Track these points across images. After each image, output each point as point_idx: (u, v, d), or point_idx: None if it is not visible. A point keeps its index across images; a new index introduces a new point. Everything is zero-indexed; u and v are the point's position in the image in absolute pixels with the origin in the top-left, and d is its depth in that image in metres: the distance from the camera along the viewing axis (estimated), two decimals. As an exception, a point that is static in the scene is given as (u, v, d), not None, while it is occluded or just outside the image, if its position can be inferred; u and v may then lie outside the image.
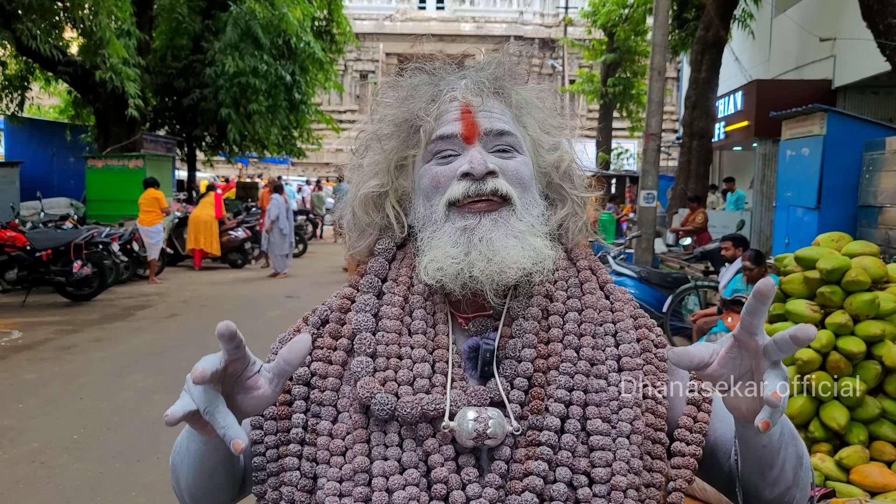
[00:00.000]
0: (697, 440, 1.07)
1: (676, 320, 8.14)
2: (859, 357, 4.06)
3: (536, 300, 1.06)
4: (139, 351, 7.77)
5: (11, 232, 10.67)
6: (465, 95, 1.10)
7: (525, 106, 1.14)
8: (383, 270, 1.12)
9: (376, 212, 1.14)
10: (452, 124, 1.07)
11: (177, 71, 17.58)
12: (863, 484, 3.84)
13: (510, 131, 1.09)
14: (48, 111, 24.84)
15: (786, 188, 9.20)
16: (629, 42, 22.53)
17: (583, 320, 1.06)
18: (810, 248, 4.65)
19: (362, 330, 1.05)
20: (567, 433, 0.98)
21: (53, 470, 4.65)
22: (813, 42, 12.87)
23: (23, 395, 6.14)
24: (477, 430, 0.95)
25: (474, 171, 1.02)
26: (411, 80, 1.15)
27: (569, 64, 35.07)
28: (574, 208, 1.14)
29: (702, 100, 14.28)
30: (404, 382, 1.01)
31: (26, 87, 16.72)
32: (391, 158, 1.13)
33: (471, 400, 0.99)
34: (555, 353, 1.03)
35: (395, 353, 1.03)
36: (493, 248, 1.01)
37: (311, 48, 17.58)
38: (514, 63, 1.17)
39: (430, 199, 1.07)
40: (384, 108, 1.16)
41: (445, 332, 1.06)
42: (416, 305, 1.07)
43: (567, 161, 1.15)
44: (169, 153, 18.41)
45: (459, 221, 1.03)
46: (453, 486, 0.96)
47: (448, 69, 1.16)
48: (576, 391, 1.00)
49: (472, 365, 1.04)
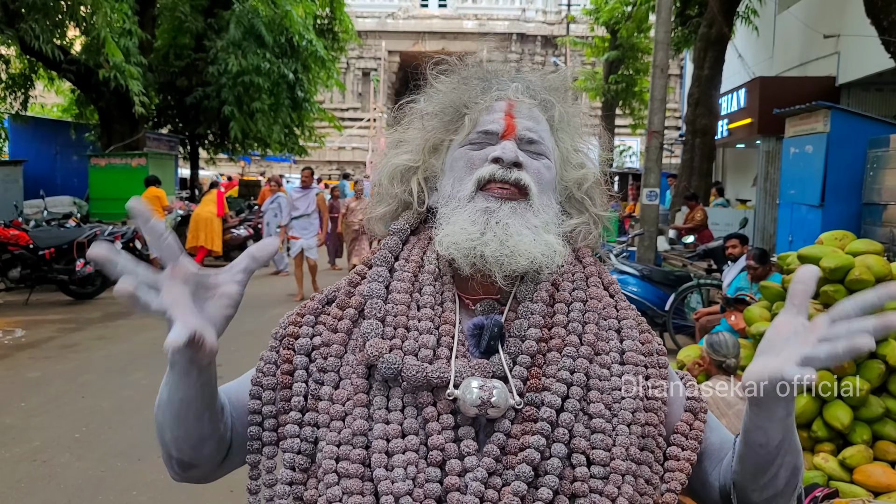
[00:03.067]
0: (692, 446, 1.10)
1: (679, 318, 8.12)
2: (863, 356, 4.06)
3: (544, 286, 1.09)
4: (141, 349, 7.78)
5: (15, 230, 10.67)
6: (515, 96, 1.17)
7: (564, 122, 1.21)
8: (397, 248, 1.16)
9: (401, 184, 1.20)
10: (496, 122, 1.14)
11: (179, 69, 17.58)
12: (866, 484, 3.83)
13: (541, 142, 1.15)
14: (51, 110, 24.87)
15: (789, 186, 9.18)
16: (632, 39, 22.48)
17: (587, 310, 1.09)
18: (814, 246, 4.64)
19: (374, 296, 1.08)
20: (566, 412, 1.00)
21: (55, 468, 4.66)
22: (817, 39, 12.83)
23: (25, 394, 6.14)
24: (481, 397, 0.96)
25: (505, 156, 1.09)
26: (468, 71, 1.22)
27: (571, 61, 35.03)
28: (589, 221, 1.20)
29: (705, 97, 14.25)
30: (410, 352, 1.03)
31: (30, 86, 16.72)
32: (428, 138, 1.19)
33: (475, 371, 1.01)
34: (557, 337, 1.05)
35: (403, 324, 1.06)
36: (508, 232, 1.05)
37: (314, 46, 17.58)
38: (565, 80, 1.24)
39: (462, 179, 1.12)
40: (436, 87, 1.22)
41: (452, 309, 1.09)
42: (425, 283, 1.11)
43: (591, 180, 1.20)
44: (172, 151, 18.41)
45: (482, 202, 1.08)
46: (450, 454, 0.97)
47: (504, 69, 1.23)
48: (577, 373, 1.03)
49: (475, 343, 1.06)
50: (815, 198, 8.22)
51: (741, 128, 14.36)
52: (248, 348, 7.43)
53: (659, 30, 11.60)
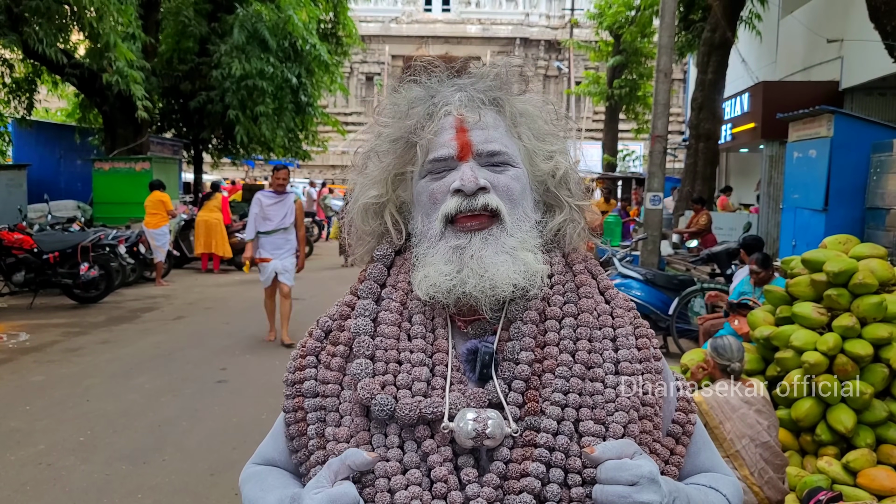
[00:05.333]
0: (672, 472, 1.11)
1: (682, 322, 8.11)
2: (867, 360, 4.05)
3: (534, 304, 1.08)
4: (146, 353, 7.79)
5: (19, 234, 10.70)
6: (460, 111, 1.11)
7: (521, 117, 1.16)
8: (382, 276, 1.14)
9: (375, 220, 1.17)
10: (447, 146, 1.09)
11: (183, 73, 17.62)
12: (870, 487, 3.82)
13: (501, 150, 1.10)
14: (55, 114, 24.94)
15: (793, 190, 9.18)
16: (635, 44, 22.51)
17: (579, 325, 1.07)
18: (817, 250, 4.64)
19: (361, 333, 1.07)
20: (561, 434, 1.00)
21: (60, 472, 4.66)
22: (820, 43, 12.83)
23: (30, 397, 6.15)
24: (476, 429, 0.96)
25: (465, 187, 1.05)
26: (407, 95, 1.17)
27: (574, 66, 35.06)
28: (571, 214, 1.16)
29: (708, 101, 14.27)
30: (403, 386, 1.03)
31: (34, 90, 16.78)
32: (389, 171, 1.16)
33: (469, 402, 1.01)
34: (550, 357, 1.04)
35: (394, 358, 1.05)
36: (484, 264, 1.03)
37: (317, 50, 17.60)
38: (511, 73, 1.18)
39: (429, 215, 1.10)
40: (380, 126, 1.18)
41: (445, 335, 1.08)
42: (414, 311, 1.09)
43: (563, 169, 1.16)
44: (175, 156, 18.47)
45: (453, 240, 1.06)
46: (452, 485, 0.97)
47: (443, 80, 1.17)
48: (571, 394, 1.02)
49: (471, 367, 1.06)
50: (819, 202, 8.22)
51: (745, 132, 14.36)
52: (252, 350, 7.44)
53: (662, 34, 11.62)
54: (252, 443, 5.47)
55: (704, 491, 1.09)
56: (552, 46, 39.15)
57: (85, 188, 16.60)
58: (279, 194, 8.05)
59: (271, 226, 7.96)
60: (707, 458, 1.18)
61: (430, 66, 1.19)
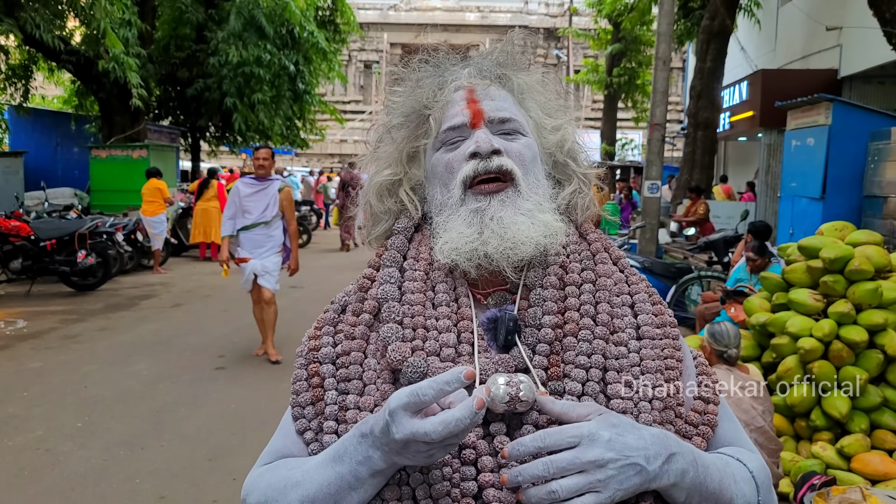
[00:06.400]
0: (704, 433, 1.09)
1: (680, 310, 8.13)
2: (862, 346, 4.07)
3: (553, 269, 1.09)
4: (143, 340, 7.80)
5: (16, 221, 10.68)
6: (470, 81, 1.15)
7: (527, 90, 1.19)
8: (403, 247, 1.15)
9: (390, 198, 1.19)
10: (460, 114, 1.12)
11: (180, 61, 17.54)
12: (863, 472, 3.85)
13: (512, 118, 1.13)
14: (52, 101, 24.84)
15: (790, 178, 9.18)
16: (634, 31, 22.43)
17: (598, 289, 1.09)
18: (814, 237, 4.65)
19: (388, 299, 1.08)
20: (586, 396, 1.00)
21: (58, 457, 4.68)
22: (819, 31, 12.81)
23: (28, 384, 6.16)
24: (509, 393, 0.95)
25: (480, 149, 1.07)
26: (418, 73, 1.21)
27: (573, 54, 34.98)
28: (580, 185, 1.18)
29: (707, 90, 14.24)
30: (431, 353, 1.03)
31: (30, 77, 16.70)
32: (402, 148, 1.18)
33: (498, 367, 1.01)
34: (571, 321, 1.05)
35: (422, 324, 1.06)
36: (504, 225, 1.05)
37: (315, 38, 17.53)
38: (516, 50, 1.21)
39: (448, 185, 1.11)
40: (393, 99, 1.21)
41: (468, 304, 1.09)
42: (437, 280, 1.10)
43: (570, 140, 1.19)
44: (173, 143, 18.40)
45: (473, 203, 1.08)
46: (482, 451, 0.97)
47: (452, 59, 1.21)
48: (595, 356, 1.02)
49: (492, 336, 1.07)
50: (817, 190, 8.22)
51: (743, 120, 14.35)
52: (250, 337, 7.45)
53: (661, 22, 11.59)
54: (250, 429, 5.53)
55: (724, 459, 1.06)
56: (551, 34, 39.03)
57: (82, 176, 16.56)
58: (260, 181, 6.79)
59: (250, 219, 6.74)
60: (729, 430, 1.15)
61: (434, 51, 1.23)
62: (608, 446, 0.88)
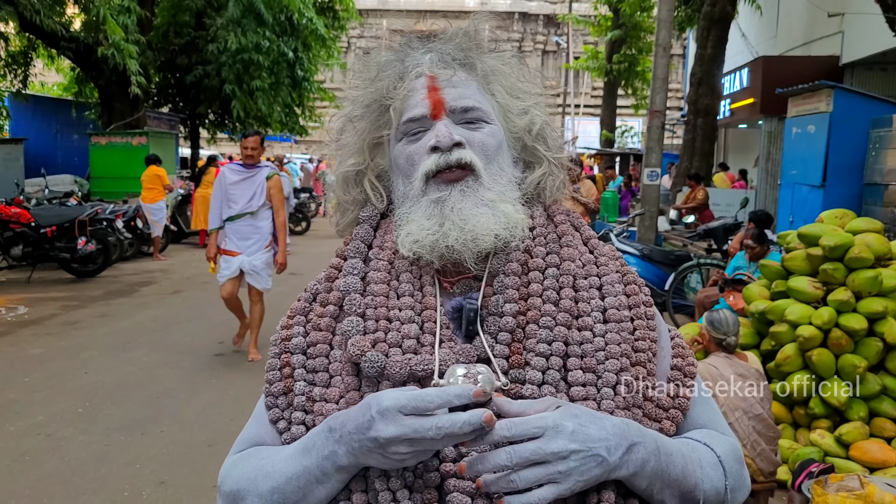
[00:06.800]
0: (674, 416, 1.08)
1: (679, 298, 8.14)
2: (861, 334, 4.07)
3: (515, 255, 1.07)
4: (143, 326, 7.81)
5: (16, 208, 10.68)
6: (431, 69, 1.12)
7: (492, 74, 1.16)
8: (368, 237, 1.14)
9: (355, 188, 1.18)
10: (420, 105, 1.10)
11: (179, 47, 17.44)
12: (862, 460, 3.86)
13: (475, 106, 1.11)
14: (52, 88, 24.76)
15: (791, 166, 9.17)
16: (634, 18, 22.35)
17: (562, 273, 1.07)
18: (814, 224, 4.64)
19: (351, 291, 1.07)
20: (547, 384, 0.99)
21: (59, 442, 4.70)
22: (821, 17, 12.74)
23: (28, 369, 6.18)
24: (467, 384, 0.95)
25: (441, 143, 1.06)
26: (378, 59, 1.18)
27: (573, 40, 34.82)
28: (550, 168, 1.17)
29: (707, 77, 14.19)
30: (394, 344, 1.02)
31: (30, 64, 16.64)
32: (364, 138, 1.16)
33: (459, 358, 1.00)
34: (534, 308, 1.04)
35: (384, 316, 1.05)
36: (464, 216, 1.04)
37: (314, 24, 17.44)
38: (478, 32, 1.18)
39: (409, 177, 1.10)
40: (353, 91, 1.19)
41: (433, 293, 1.08)
42: (402, 269, 1.10)
43: (539, 123, 1.16)
44: (172, 130, 18.35)
45: (434, 193, 1.06)
46: None
47: (414, 45, 1.18)
48: (556, 343, 1.01)
49: (458, 325, 1.06)
50: (817, 178, 8.21)
51: (743, 108, 14.31)
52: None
53: (662, 8, 11.53)
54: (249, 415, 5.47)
55: (691, 444, 1.05)
56: (551, 21, 38.88)
57: (82, 162, 16.53)
58: (248, 168, 6.46)
59: (235, 209, 6.36)
60: (703, 413, 1.14)
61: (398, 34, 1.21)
62: (571, 437, 0.88)
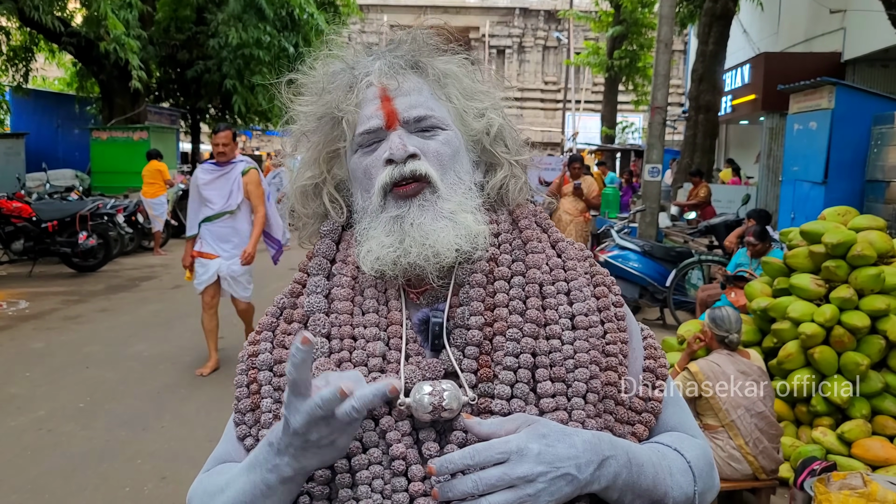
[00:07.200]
0: (646, 420, 1.07)
1: (680, 294, 8.13)
2: (863, 332, 4.07)
3: (480, 265, 1.05)
4: (144, 321, 7.82)
5: (17, 203, 10.69)
6: (381, 80, 1.09)
7: (445, 77, 1.13)
8: (331, 251, 1.12)
9: (314, 201, 1.15)
10: (373, 117, 1.07)
11: (180, 42, 17.45)
12: (864, 457, 3.86)
13: (427, 114, 1.08)
14: (53, 83, 24.74)
15: (792, 162, 9.14)
16: (636, 14, 22.30)
17: (528, 282, 1.05)
18: (816, 222, 4.64)
19: (315, 311, 1.05)
20: (516, 398, 0.98)
21: (60, 437, 4.70)
22: (823, 14, 12.72)
23: (30, 364, 6.19)
24: (432, 403, 0.93)
25: (394, 156, 1.03)
26: (325, 70, 1.15)
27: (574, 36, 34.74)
28: (512, 170, 1.13)
29: (709, 73, 14.17)
30: (359, 363, 1.00)
31: (31, 59, 16.63)
32: (321, 150, 1.13)
33: (425, 374, 0.99)
34: (500, 319, 1.01)
35: (349, 334, 1.03)
36: (424, 231, 1.01)
37: (315, 20, 17.42)
38: (429, 36, 1.15)
39: (368, 190, 1.07)
40: (302, 106, 1.15)
41: (398, 307, 1.05)
42: (366, 284, 1.07)
43: (496, 125, 1.13)
44: (173, 125, 18.37)
45: (393, 209, 1.04)
46: (412, 460, 0.95)
47: (361, 51, 1.16)
48: (524, 355, 0.99)
49: (425, 338, 1.04)
50: (819, 175, 8.20)
51: (745, 104, 14.28)
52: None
53: (664, 4, 11.50)
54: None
55: (661, 451, 1.03)
56: (552, 16, 38.79)
57: (83, 157, 16.54)
58: (221, 165, 5.93)
59: (214, 209, 5.87)
60: (674, 414, 1.12)
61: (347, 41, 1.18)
62: (538, 459, 0.86)
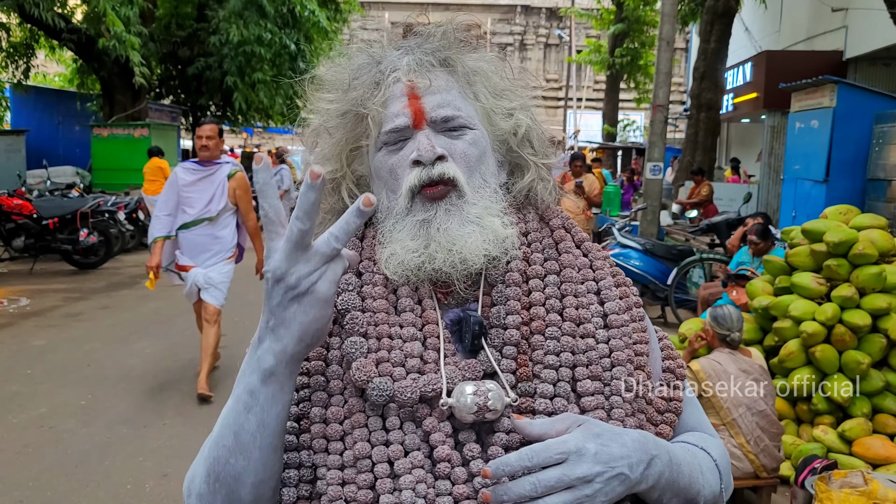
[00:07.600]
0: (669, 420, 1.08)
1: (681, 293, 8.13)
2: (865, 330, 4.07)
3: (514, 264, 1.04)
4: (145, 318, 7.82)
5: (18, 200, 10.69)
6: (409, 76, 1.06)
7: (475, 74, 1.10)
8: (356, 249, 1.08)
9: (332, 196, 1.12)
10: (401, 115, 1.04)
11: (181, 39, 17.43)
12: (865, 456, 3.86)
13: (455, 114, 1.06)
14: (53, 80, 24.72)
15: (794, 161, 9.14)
16: (638, 12, 22.29)
17: (563, 281, 1.04)
18: (817, 220, 4.63)
19: (351, 309, 1.00)
20: (558, 397, 0.97)
21: (61, 434, 4.71)
22: (825, 12, 12.70)
23: (31, 361, 6.19)
24: (477, 403, 0.92)
25: (423, 157, 1.01)
26: (350, 64, 1.12)
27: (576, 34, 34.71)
28: (539, 173, 1.11)
29: (710, 71, 14.16)
30: (398, 363, 0.97)
31: (31, 55, 16.62)
32: (342, 147, 1.11)
33: (465, 374, 0.97)
34: (538, 318, 1.00)
35: (386, 333, 1.00)
36: (451, 237, 0.99)
37: (316, 17, 17.41)
38: (459, 30, 1.12)
39: (394, 191, 1.05)
40: (325, 103, 1.12)
41: (432, 306, 1.03)
42: (399, 283, 1.04)
43: (524, 126, 1.11)
44: (174, 122, 18.35)
45: (420, 213, 1.01)
46: (455, 462, 0.94)
47: (389, 44, 1.13)
48: (564, 353, 0.99)
49: (457, 338, 1.02)
50: (820, 173, 8.19)
51: (746, 102, 14.27)
52: (250, 317, 7.46)
53: (665, 2, 11.49)
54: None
55: (691, 450, 1.04)
56: (553, 14, 38.76)
57: (83, 154, 16.53)
58: (205, 165, 5.39)
59: (192, 214, 5.34)
60: (691, 415, 1.13)
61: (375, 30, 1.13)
62: (595, 459, 0.86)
